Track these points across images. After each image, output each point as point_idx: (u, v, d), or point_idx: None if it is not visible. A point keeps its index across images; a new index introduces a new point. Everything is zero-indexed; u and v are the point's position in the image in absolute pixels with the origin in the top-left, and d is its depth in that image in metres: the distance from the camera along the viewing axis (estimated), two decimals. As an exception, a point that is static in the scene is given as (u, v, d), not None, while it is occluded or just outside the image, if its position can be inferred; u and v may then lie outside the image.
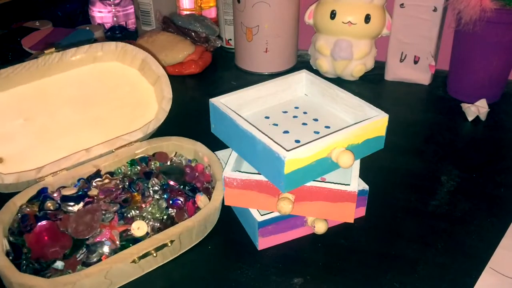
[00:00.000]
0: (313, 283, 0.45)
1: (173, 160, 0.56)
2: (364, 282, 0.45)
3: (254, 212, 0.48)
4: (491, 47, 0.71)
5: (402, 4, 0.77)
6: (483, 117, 0.72)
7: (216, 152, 0.57)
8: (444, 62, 0.82)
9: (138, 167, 0.54)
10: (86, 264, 0.43)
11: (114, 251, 0.44)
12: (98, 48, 0.54)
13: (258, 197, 0.47)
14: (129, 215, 0.48)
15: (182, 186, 0.52)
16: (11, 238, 0.44)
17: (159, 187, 0.51)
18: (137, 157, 0.56)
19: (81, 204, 0.48)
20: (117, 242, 0.45)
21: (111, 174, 0.53)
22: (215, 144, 0.55)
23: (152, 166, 0.54)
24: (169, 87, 0.57)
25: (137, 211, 0.48)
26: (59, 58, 0.51)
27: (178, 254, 0.48)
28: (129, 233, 0.46)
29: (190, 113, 0.75)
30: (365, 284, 0.45)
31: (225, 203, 0.49)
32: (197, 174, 0.53)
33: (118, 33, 1.04)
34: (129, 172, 0.54)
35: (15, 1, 1.09)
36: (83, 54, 0.53)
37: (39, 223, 0.45)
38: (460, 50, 0.76)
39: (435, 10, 0.75)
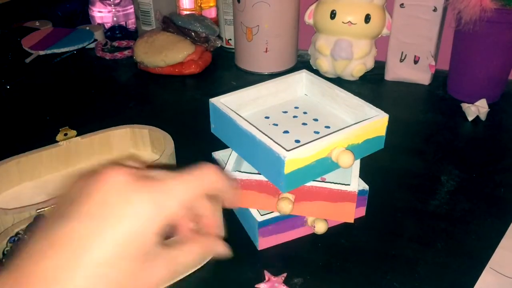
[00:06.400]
0: (313, 283, 0.45)
1: None
2: (364, 282, 0.45)
3: (254, 212, 0.48)
4: (491, 47, 0.71)
5: (402, 4, 0.77)
6: (483, 117, 0.72)
7: (216, 152, 0.57)
8: (444, 62, 0.82)
9: None
10: None
11: None
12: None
13: (258, 197, 0.47)
14: None
15: None
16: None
17: None
18: None
19: None
20: None
21: None
22: (215, 144, 0.55)
23: None
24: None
25: None
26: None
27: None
28: None
29: (190, 113, 0.75)
30: (365, 284, 0.45)
31: (225, 203, 0.49)
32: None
33: (118, 33, 1.03)
34: None
35: (15, 1, 1.09)
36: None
37: None
38: (460, 50, 0.76)
39: (435, 10, 0.75)
